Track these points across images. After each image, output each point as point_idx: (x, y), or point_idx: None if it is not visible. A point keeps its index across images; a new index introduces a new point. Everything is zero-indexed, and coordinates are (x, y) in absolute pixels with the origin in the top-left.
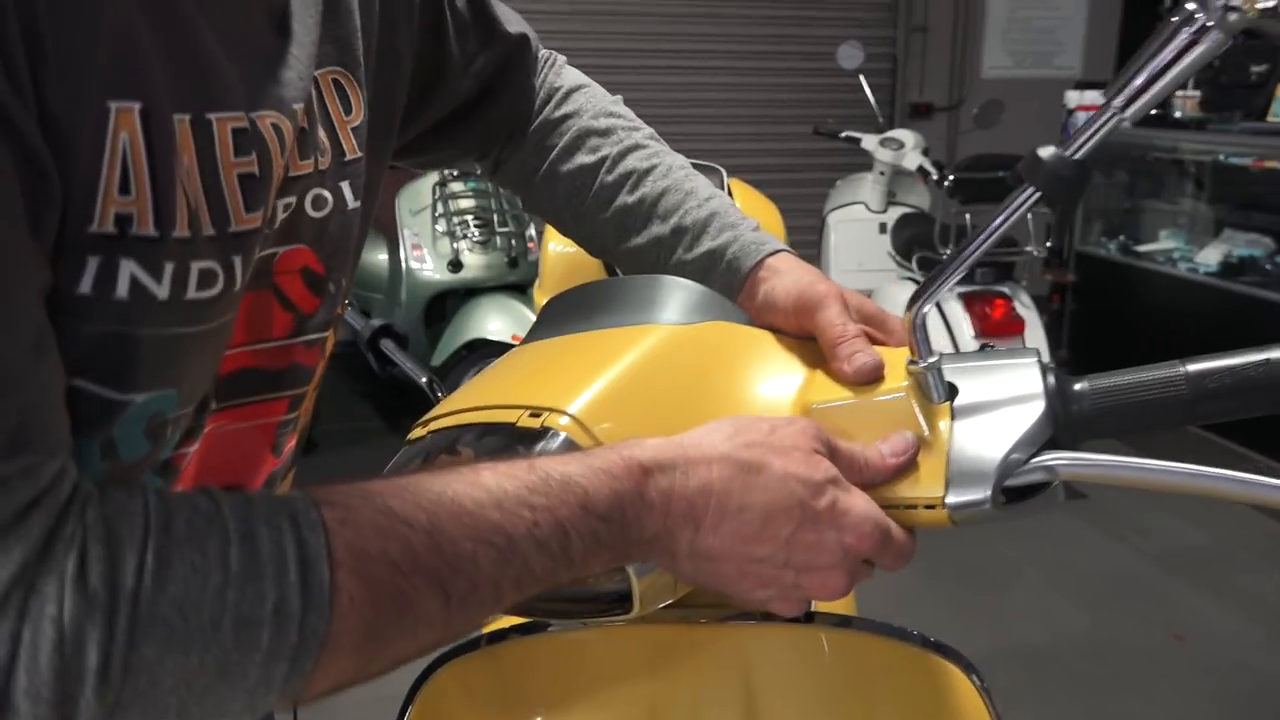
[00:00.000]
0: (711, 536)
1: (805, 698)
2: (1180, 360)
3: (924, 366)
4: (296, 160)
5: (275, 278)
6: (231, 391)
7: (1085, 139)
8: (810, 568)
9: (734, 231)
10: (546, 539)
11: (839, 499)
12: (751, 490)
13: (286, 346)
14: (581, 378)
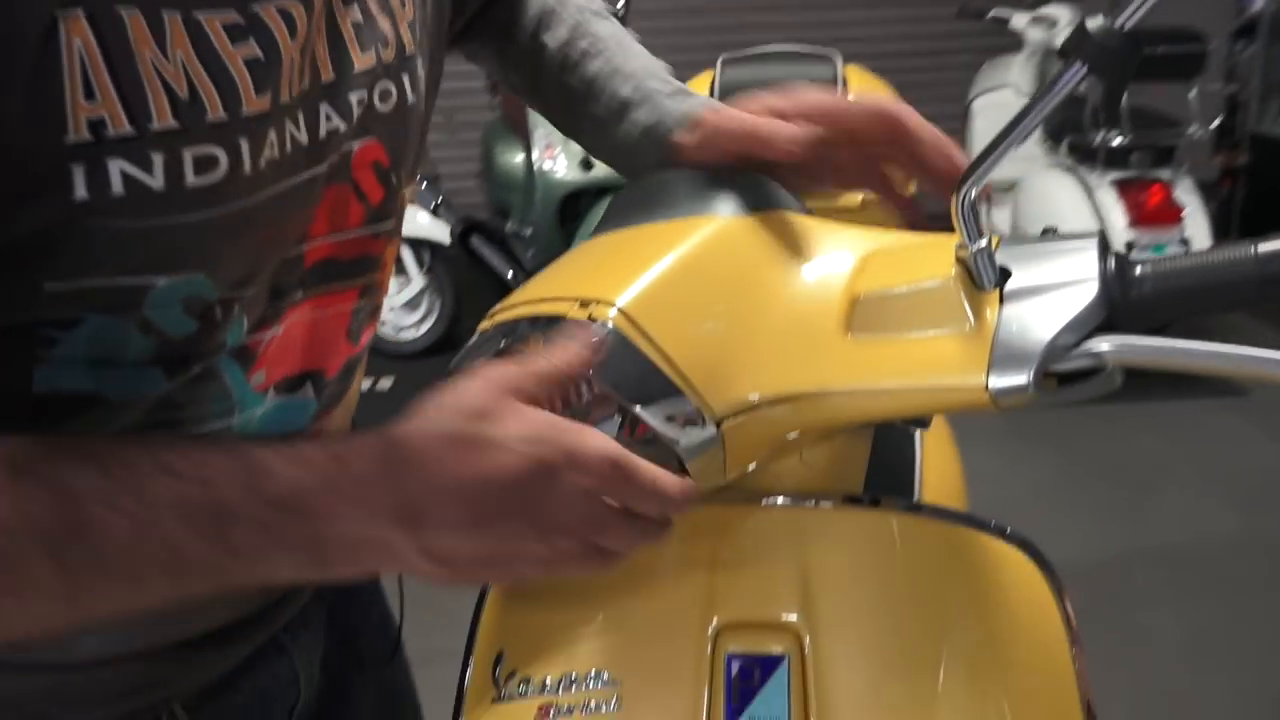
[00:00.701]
0: (440, 528)
1: (864, 583)
2: (1249, 240)
3: (973, 251)
4: (358, 54)
5: (353, 171)
6: (314, 280)
7: (1136, 7)
8: (555, 525)
9: (650, 105)
10: (199, 518)
11: (564, 441)
12: (470, 465)
13: (359, 237)
14: (632, 270)
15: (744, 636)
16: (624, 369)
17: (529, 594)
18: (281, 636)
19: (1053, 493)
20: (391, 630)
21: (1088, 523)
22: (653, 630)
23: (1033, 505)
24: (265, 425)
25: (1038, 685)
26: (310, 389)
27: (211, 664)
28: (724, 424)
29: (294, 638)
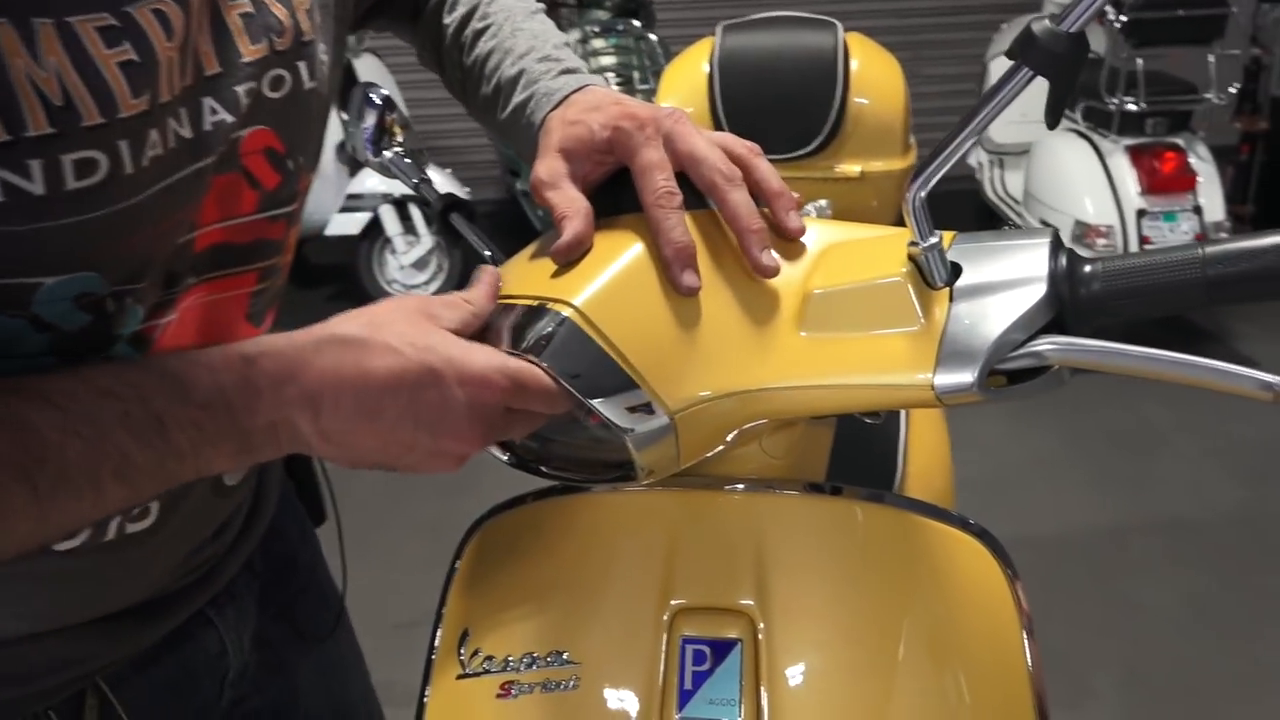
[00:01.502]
0: (334, 416)
1: (821, 569)
2: (1197, 243)
3: (923, 249)
4: (247, 45)
5: (242, 159)
6: (206, 266)
7: (1081, 11)
8: (441, 426)
9: (532, 89)
10: (142, 429)
11: (454, 356)
12: (362, 363)
13: (254, 222)
14: (590, 268)
15: (700, 621)
16: (579, 361)
17: (495, 576)
18: (207, 610)
19: (1054, 461)
20: (332, 603)
21: (1088, 491)
22: (611, 613)
23: (1033, 473)
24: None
25: (990, 665)
26: None
27: (133, 639)
28: (676, 415)
29: (220, 611)
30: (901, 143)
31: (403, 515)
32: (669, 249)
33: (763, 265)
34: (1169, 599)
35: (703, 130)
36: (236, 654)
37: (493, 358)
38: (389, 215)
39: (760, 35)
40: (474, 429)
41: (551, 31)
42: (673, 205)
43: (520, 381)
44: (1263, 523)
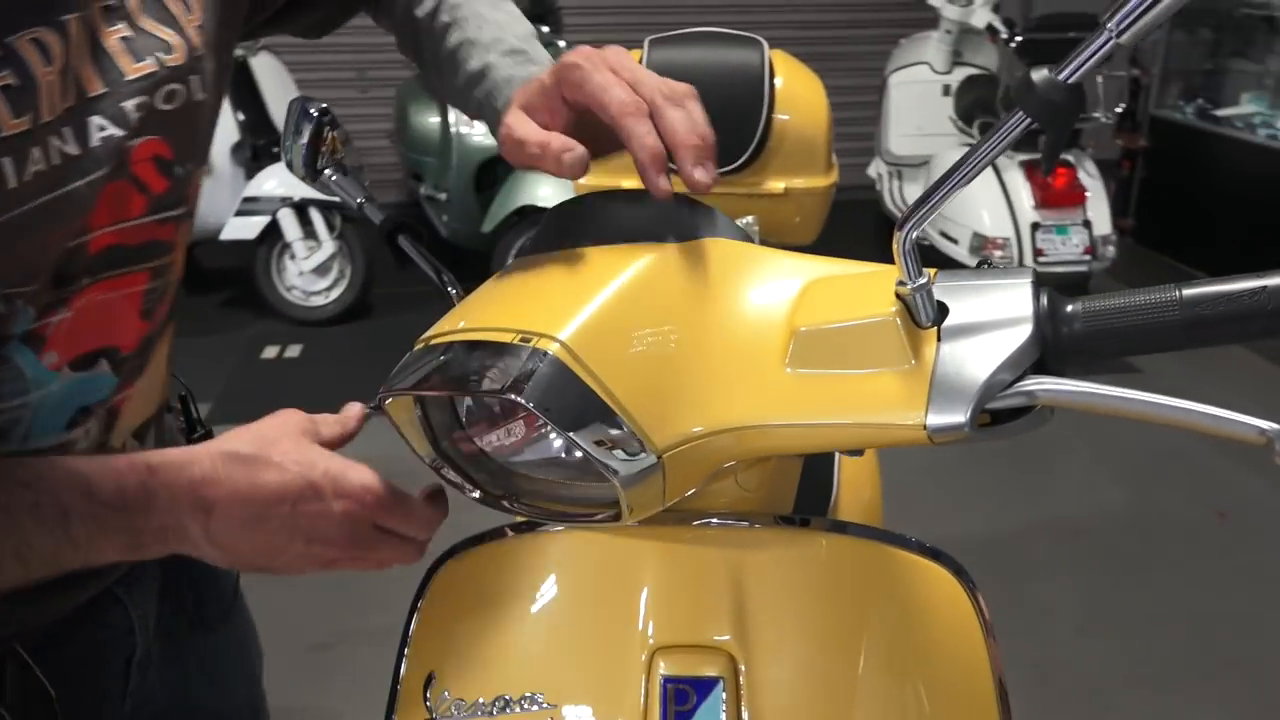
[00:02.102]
0: (224, 523)
1: (793, 598)
2: (1175, 284)
3: (912, 288)
4: (130, 64)
5: (132, 167)
6: (100, 266)
7: (1079, 62)
8: (315, 533)
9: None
10: (47, 518)
11: (332, 471)
12: (251, 478)
13: (144, 225)
14: (572, 302)
15: (679, 659)
16: (565, 400)
17: (461, 616)
18: (115, 588)
19: (953, 470)
20: (225, 593)
21: (989, 499)
22: (589, 652)
23: (935, 483)
24: (63, 398)
25: (956, 681)
26: (106, 364)
27: (48, 607)
28: (665, 454)
29: (128, 590)
30: (825, 160)
31: None
32: (643, 154)
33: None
34: (1069, 600)
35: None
36: (143, 633)
37: (366, 476)
38: (288, 219)
39: (687, 50)
40: (343, 538)
41: (516, 21)
42: (640, 114)
43: (387, 501)
44: (1149, 524)
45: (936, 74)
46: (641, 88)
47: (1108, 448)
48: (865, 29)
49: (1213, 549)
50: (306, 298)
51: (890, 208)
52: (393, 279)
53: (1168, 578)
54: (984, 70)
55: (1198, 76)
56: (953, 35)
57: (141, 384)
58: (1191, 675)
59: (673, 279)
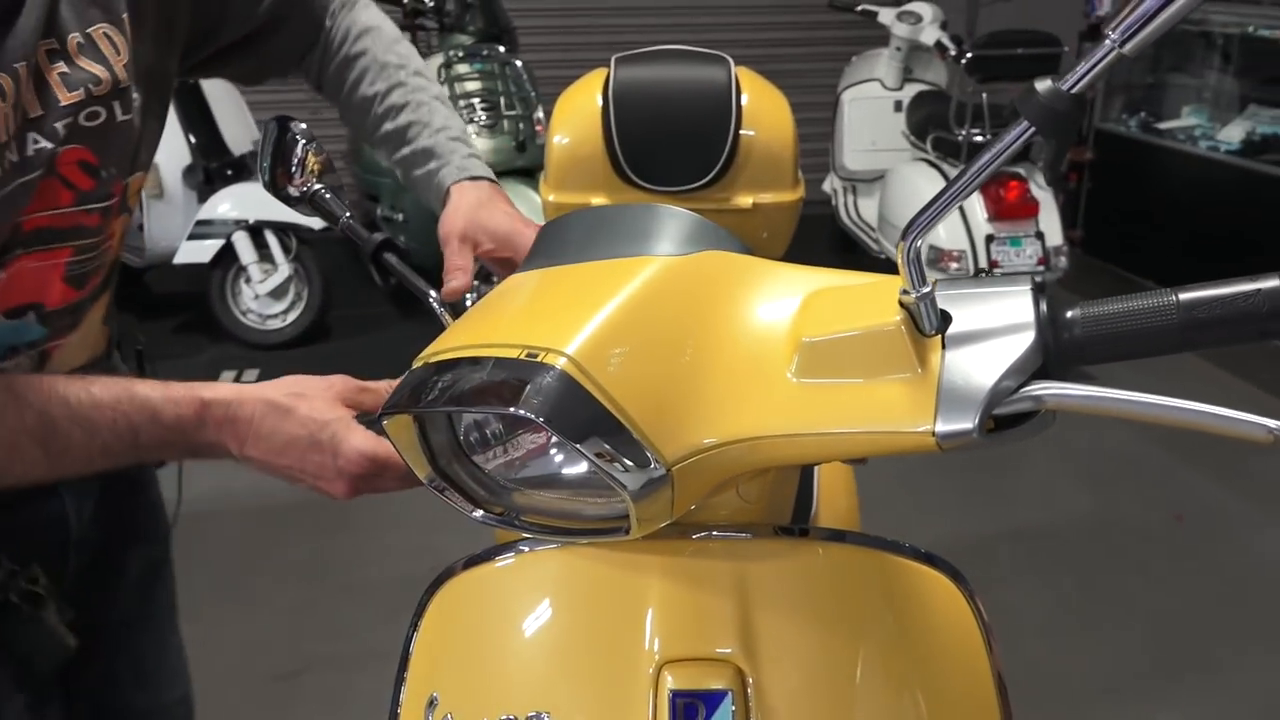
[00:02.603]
0: (251, 449)
1: (798, 608)
2: (1171, 289)
3: (916, 297)
4: (64, 94)
5: (59, 168)
6: (31, 241)
7: (1083, 74)
8: (319, 476)
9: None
10: (122, 431)
11: (338, 435)
12: (277, 424)
13: (71, 213)
14: (577, 316)
15: (686, 673)
16: (574, 415)
17: (461, 636)
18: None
19: (919, 480)
20: (160, 517)
21: (952, 505)
22: (594, 669)
23: (901, 492)
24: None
25: (956, 678)
26: (33, 316)
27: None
28: (674, 467)
29: (67, 486)
30: (791, 175)
31: (272, 558)
32: None
33: None
34: (1034, 605)
35: None
36: (77, 522)
37: (365, 443)
38: (243, 242)
39: (654, 68)
40: (341, 483)
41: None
42: None
43: (378, 464)
44: (1110, 528)
45: (888, 90)
46: None
47: (1067, 454)
48: (816, 47)
49: (1172, 550)
50: (263, 321)
51: (846, 222)
52: (350, 301)
53: (1129, 580)
54: (934, 86)
55: (1140, 91)
56: (903, 52)
57: (74, 338)
58: (1155, 676)
59: (676, 291)
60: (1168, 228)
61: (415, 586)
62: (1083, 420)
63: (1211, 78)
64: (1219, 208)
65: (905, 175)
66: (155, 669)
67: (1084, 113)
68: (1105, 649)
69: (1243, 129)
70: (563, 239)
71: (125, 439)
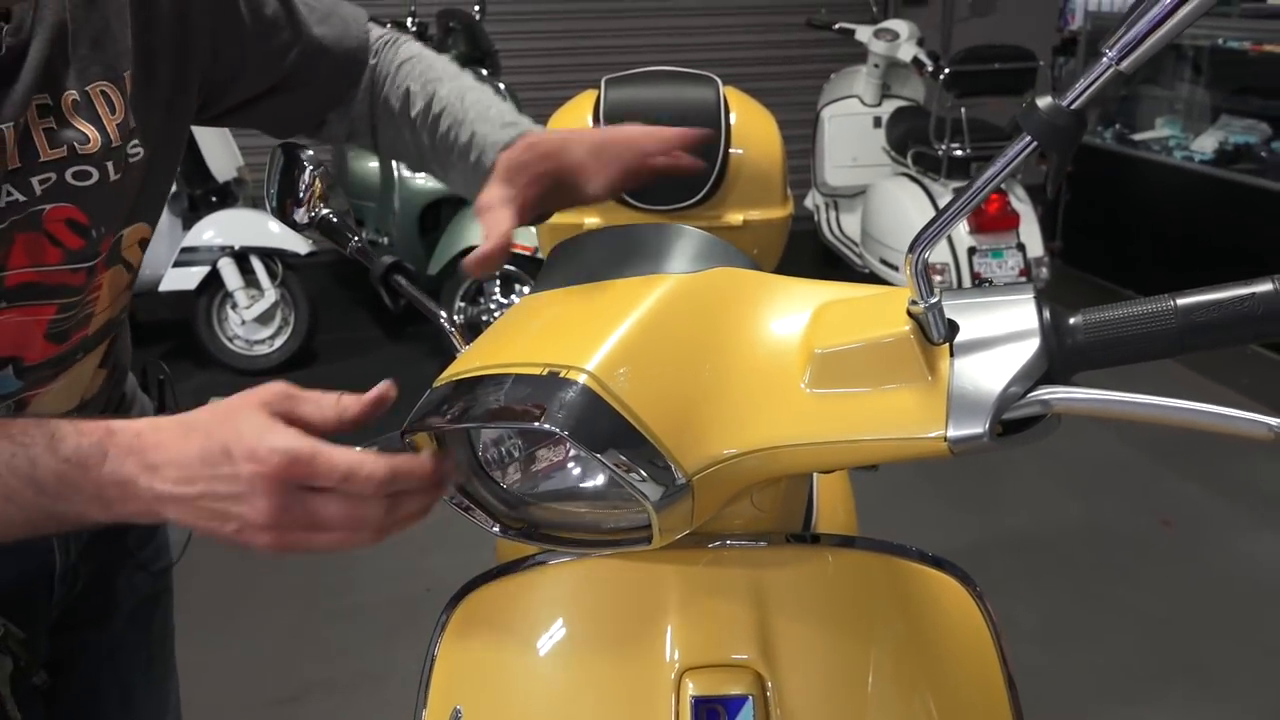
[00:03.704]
0: (159, 481)
1: (814, 613)
2: (1170, 294)
3: (925, 307)
4: (46, 149)
5: (44, 225)
6: (15, 297)
7: (1082, 90)
8: (238, 497)
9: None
10: (19, 465)
11: (247, 437)
12: (183, 442)
13: (59, 271)
14: (596, 333)
15: (707, 679)
16: (598, 427)
17: (483, 650)
18: None
19: (911, 486)
20: (160, 539)
21: (944, 514)
22: (617, 679)
23: (893, 499)
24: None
25: (969, 679)
26: (10, 370)
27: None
28: (694, 477)
29: None
30: (780, 192)
31: (266, 583)
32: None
33: None
34: (1026, 611)
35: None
36: (63, 551)
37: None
38: (229, 269)
39: (643, 89)
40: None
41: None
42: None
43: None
44: (1100, 534)
45: (867, 106)
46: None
47: (1056, 463)
48: (795, 65)
49: (1161, 556)
50: (250, 347)
51: (828, 237)
52: (337, 325)
53: (1119, 585)
54: (912, 102)
55: (1114, 103)
56: (881, 69)
57: (55, 387)
58: (1146, 679)
59: (689, 307)
60: (1144, 237)
61: (409, 609)
62: (1071, 429)
63: (1184, 89)
64: (1194, 216)
65: (886, 190)
66: (144, 698)
67: (1084, 128)
68: (1097, 654)
69: (1215, 139)
70: (578, 259)
71: (22, 475)
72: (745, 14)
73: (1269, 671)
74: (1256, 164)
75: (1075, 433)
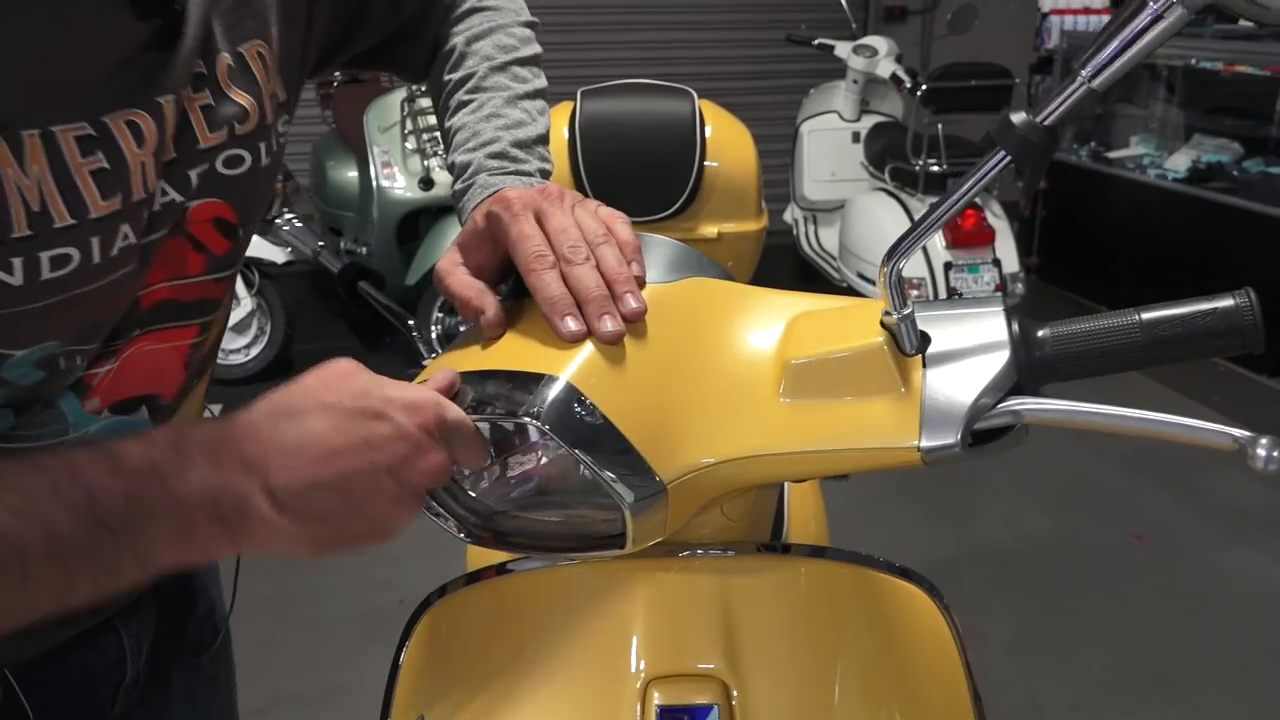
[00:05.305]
0: (288, 475)
1: (780, 623)
2: (1135, 309)
3: (898, 319)
4: (205, 134)
5: (189, 227)
6: (150, 320)
7: (1055, 107)
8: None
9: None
10: (72, 497)
11: (386, 392)
12: (304, 423)
13: (200, 283)
14: (569, 343)
15: (673, 688)
16: (577, 425)
17: (449, 658)
18: (113, 618)
19: (886, 499)
20: (217, 618)
21: (917, 528)
22: (583, 687)
23: (869, 512)
24: (98, 439)
25: (934, 690)
26: (145, 411)
27: (44, 639)
28: (670, 484)
29: (125, 620)
30: (755, 205)
31: (236, 595)
32: (545, 306)
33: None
34: (999, 625)
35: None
36: (133, 663)
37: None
38: None
39: (619, 101)
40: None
41: (526, 124)
42: (543, 266)
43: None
44: (1072, 550)
45: (846, 122)
46: (558, 236)
47: (1029, 477)
48: (775, 80)
49: (1133, 570)
50: (225, 356)
51: (807, 251)
52: (314, 335)
53: (1092, 599)
54: (890, 117)
55: (1089, 122)
56: (859, 85)
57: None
58: (1119, 692)
59: (664, 318)
60: (1119, 253)
61: (382, 620)
62: (1044, 442)
63: (1158, 108)
64: (1167, 234)
65: (864, 205)
66: None
67: (1057, 144)
68: (1069, 667)
69: (1188, 157)
70: None
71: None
72: (726, 29)
73: (1239, 685)
74: (1228, 182)
75: (1049, 447)
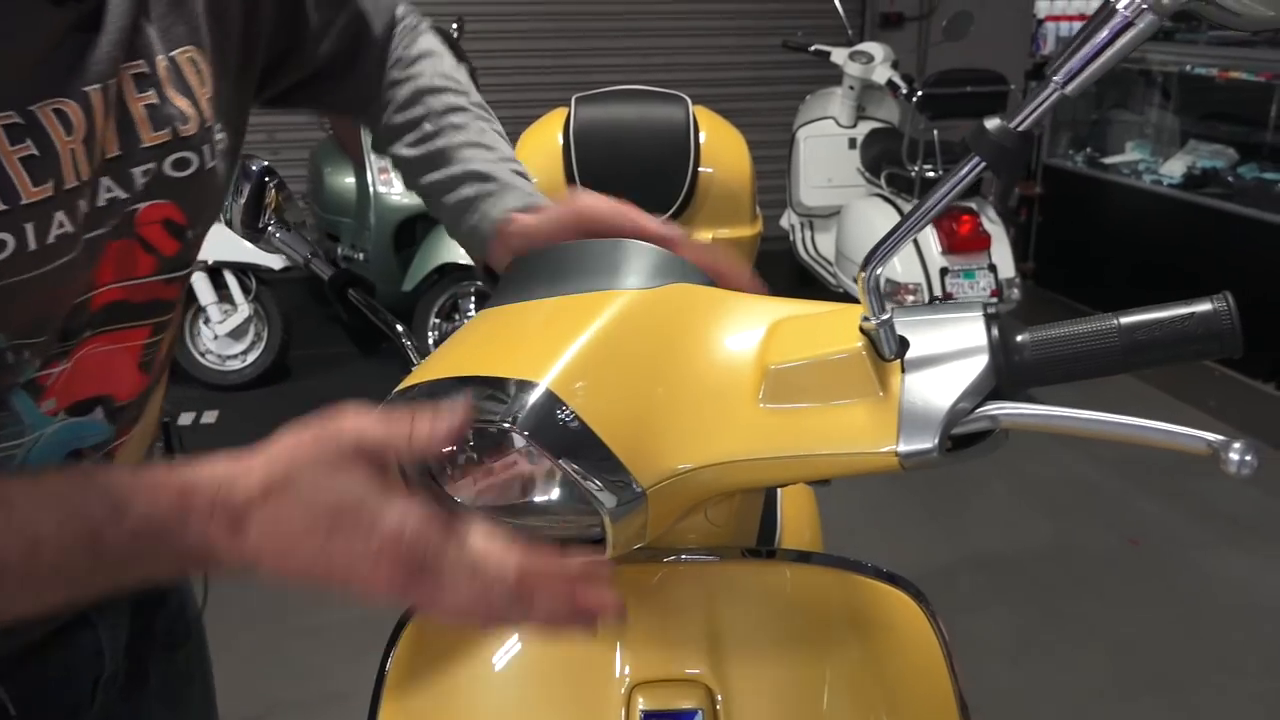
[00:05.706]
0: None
1: (765, 628)
2: (1113, 313)
3: (876, 324)
4: (149, 133)
5: (139, 229)
6: (102, 320)
7: (1028, 112)
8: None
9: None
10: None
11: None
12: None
13: (150, 284)
14: (550, 349)
15: (657, 693)
16: (557, 432)
17: (432, 672)
18: (89, 612)
19: (883, 505)
20: (189, 614)
21: (913, 533)
22: (568, 695)
23: (866, 517)
24: (57, 442)
25: (920, 696)
26: (101, 412)
27: (22, 634)
28: (649, 490)
29: (100, 613)
30: (749, 211)
31: (234, 601)
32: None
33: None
34: (997, 632)
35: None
36: (111, 657)
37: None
38: (202, 283)
39: (613, 107)
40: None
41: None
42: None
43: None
44: (1068, 555)
45: (842, 128)
46: None
47: (1025, 483)
48: (772, 86)
49: (1129, 575)
50: (222, 362)
51: (804, 257)
52: (310, 341)
53: (1088, 604)
54: (886, 123)
55: (1085, 127)
56: (855, 91)
57: (136, 431)
58: (1114, 698)
59: (645, 323)
60: (1115, 259)
61: (377, 627)
62: (1039, 449)
63: (1153, 114)
64: (1163, 239)
65: (861, 210)
66: None
67: (1030, 148)
68: (1065, 672)
69: (1184, 163)
70: (534, 274)
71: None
72: (722, 35)
73: (1235, 690)
74: (1223, 188)
75: (1045, 453)
